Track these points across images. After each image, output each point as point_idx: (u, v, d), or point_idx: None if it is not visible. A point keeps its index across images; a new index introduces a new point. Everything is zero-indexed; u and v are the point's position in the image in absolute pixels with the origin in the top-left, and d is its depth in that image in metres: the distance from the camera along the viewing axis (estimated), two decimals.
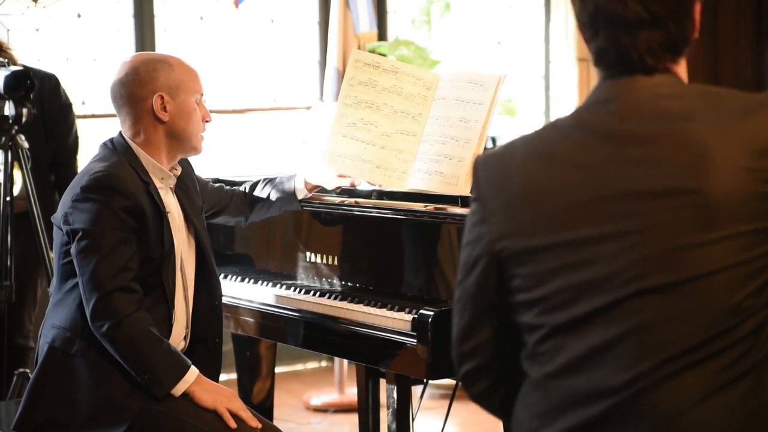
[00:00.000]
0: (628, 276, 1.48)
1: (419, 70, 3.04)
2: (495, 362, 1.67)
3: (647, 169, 1.49)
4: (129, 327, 2.49)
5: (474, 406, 1.76)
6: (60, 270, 2.61)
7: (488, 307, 1.64)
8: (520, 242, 1.57)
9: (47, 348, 2.58)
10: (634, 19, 1.54)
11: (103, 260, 2.50)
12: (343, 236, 2.96)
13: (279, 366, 3.84)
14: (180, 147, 2.71)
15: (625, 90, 1.56)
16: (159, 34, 5.13)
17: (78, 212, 2.53)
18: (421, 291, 2.74)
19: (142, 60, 2.68)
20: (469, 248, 1.64)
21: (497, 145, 3.70)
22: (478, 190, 1.63)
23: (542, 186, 1.56)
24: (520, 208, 1.57)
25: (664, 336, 1.48)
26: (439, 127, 2.90)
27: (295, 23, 5.52)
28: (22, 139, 3.66)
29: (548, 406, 1.57)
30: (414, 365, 2.57)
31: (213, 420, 2.54)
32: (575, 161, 1.54)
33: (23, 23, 4.76)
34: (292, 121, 5.47)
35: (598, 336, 1.51)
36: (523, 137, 1.63)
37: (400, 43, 5.02)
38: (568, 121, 1.58)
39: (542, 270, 1.56)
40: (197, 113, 2.71)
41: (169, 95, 2.65)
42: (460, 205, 2.68)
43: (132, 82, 2.64)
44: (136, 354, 2.50)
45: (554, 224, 1.54)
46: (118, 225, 2.53)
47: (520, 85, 5.94)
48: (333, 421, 4.73)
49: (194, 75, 2.73)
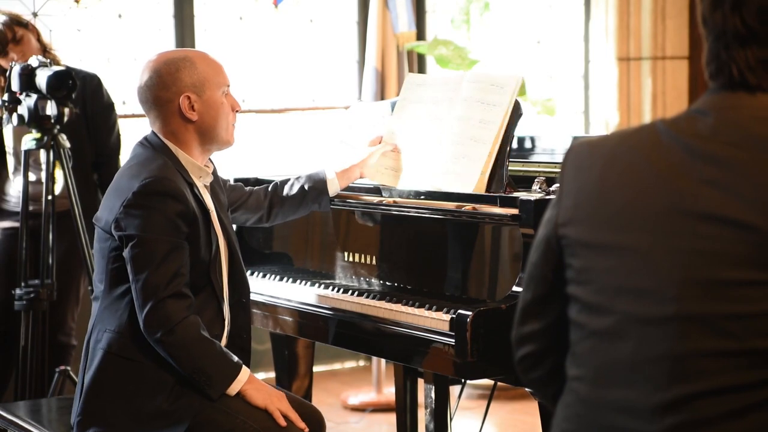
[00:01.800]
0: (669, 295, 1.45)
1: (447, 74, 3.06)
2: (551, 352, 1.65)
3: (716, 192, 1.44)
4: (182, 333, 2.50)
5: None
6: (109, 274, 2.60)
7: (547, 292, 1.63)
8: (580, 233, 1.55)
9: (102, 353, 2.59)
10: (732, 32, 1.49)
11: (157, 268, 2.50)
12: (382, 235, 2.96)
13: (317, 365, 3.84)
14: (213, 142, 2.70)
15: (724, 105, 1.50)
16: (199, 34, 5.15)
17: (131, 218, 2.53)
18: (459, 291, 2.73)
19: (164, 61, 2.65)
20: (541, 227, 1.64)
21: (535, 145, 3.66)
22: (562, 173, 1.61)
23: (615, 183, 1.53)
24: (590, 198, 1.55)
25: (698, 367, 1.43)
26: (461, 128, 2.91)
27: (333, 23, 5.53)
28: (64, 138, 3.69)
29: (577, 411, 1.55)
30: (452, 365, 2.56)
31: (263, 418, 2.56)
32: (653, 167, 1.50)
33: (65, 24, 4.80)
34: (330, 121, 5.47)
35: (630, 350, 1.48)
36: (623, 129, 1.61)
37: (438, 42, 4.99)
38: (667, 124, 1.54)
39: (591, 266, 1.54)
40: (225, 106, 2.69)
41: (195, 94, 2.64)
42: (498, 205, 2.66)
43: (156, 85, 2.63)
44: (190, 358, 2.52)
45: (613, 224, 1.52)
46: (172, 231, 2.53)
47: (559, 85, 5.92)
48: (371, 421, 4.73)
49: (218, 68, 2.70)
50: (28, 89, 3.64)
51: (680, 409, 1.43)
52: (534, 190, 2.65)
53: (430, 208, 2.82)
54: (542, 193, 2.61)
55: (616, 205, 1.52)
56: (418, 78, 3.12)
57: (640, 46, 5.74)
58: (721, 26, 1.49)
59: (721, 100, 1.51)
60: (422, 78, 3.13)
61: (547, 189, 2.61)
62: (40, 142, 3.66)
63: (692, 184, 1.46)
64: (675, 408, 1.43)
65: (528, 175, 2.91)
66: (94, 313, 2.67)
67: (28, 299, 3.69)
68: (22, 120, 3.66)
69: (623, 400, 1.48)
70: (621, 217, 1.51)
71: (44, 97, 3.62)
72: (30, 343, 3.70)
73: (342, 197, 3.08)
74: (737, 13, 1.48)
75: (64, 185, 3.77)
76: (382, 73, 4.92)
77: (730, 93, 1.50)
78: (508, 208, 2.61)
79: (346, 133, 3.30)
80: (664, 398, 1.44)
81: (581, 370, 1.55)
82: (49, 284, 3.70)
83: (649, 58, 5.74)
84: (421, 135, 3.00)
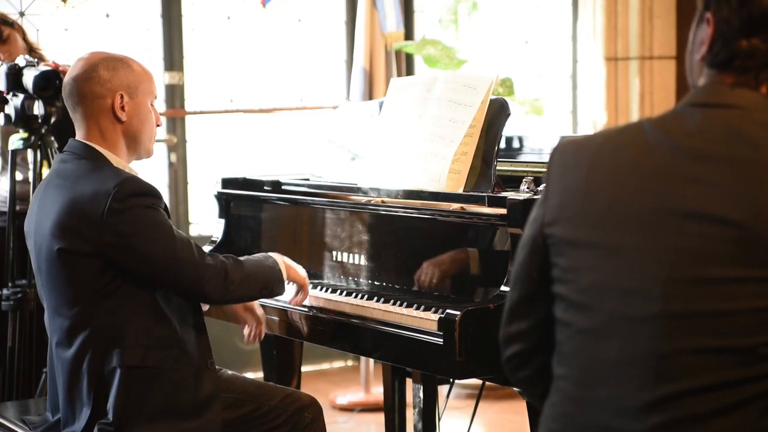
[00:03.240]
0: (654, 294, 1.45)
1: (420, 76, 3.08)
2: (538, 352, 1.65)
3: (700, 190, 1.45)
4: (237, 280, 2.63)
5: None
6: (95, 297, 2.51)
7: (534, 292, 1.63)
8: (566, 232, 1.56)
9: (121, 372, 2.51)
10: (737, 24, 1.50)
11: (179, 243, 2.54)
12: (370, 235, 2.96)
13: (305, 365, 3.84)
14: (135, 148, 2.67)
15: (715, 100, 1.51)
16: (186, 33, 5.15)
17: (124, 223, 2.47)
18: (447, 290, 2.73)
19: (102, 58, 2.64)
20: (527, 227, 1.64)
21: (523, 145, 3.66)
22: (548, 172, 1.61)
23: (600, 182, 1.54)
24: (576, 198, 1.56)
25: (684, 365, 1.44)
26: (431, 126, 2.94)
27: (321, 23, 5.53)
28: (52, 138, 3.68)
29: (563, 411, 1.55)
30: (440, 365, 2.55)
31: (275, 395, 2.78)
32: (639, 166, 1.51)
33: (52, 23, 4.79)
34: (318, 121, 5.47)
35: (616, 349, 1.48)
36: (609, 129, 1.61)
37: (427, 42, 5.00)
38: (653, 123, 1.54)
39: (577, 265, 1.54)
40: (152, 116, 2.69)
41: (128, 95, 2.62)
42: (486, 205, 2.66)
43: (92, 79, 2.60)
44: (251, 288, 2.70)
45: (599, 223, 1.52)
46: (165, 219, 2.56)
47: (547, 85, 5.93)
48: (359, 421, 4.73)
49: (151, 77, 2.70)
50: (14, 89, 3.62)
51: (666, 408, 1.43)
52: (522, 190, 2.64)
53: (417, 207, 2.81)
54: (530, 193, 2.60)
55: (602, 205, 1.52)
56: (401, 81, 3.16)
57: (627, 46, 5.76)
58: (727, 16, 1.50)
59: (716, 93, 1.51)
60: (404, 80, 3.17)
61: (535, 189, 2.61)
62: (27, 141, 3.64)
63: (678, 182, 1.46)
64: (661, 406, 1.43)
65: (516, 174, 2.90)
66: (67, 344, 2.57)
67: (15, 299, 3.66)
68: (9, 120, 3.64)
69: (609, 399, 1.48)
70: (607, 216, 1.51)
71: (31, 97, 3.60)
72: (17, 343, 3.67)
73: (330, 197, 3.08)
74: (744, 5, 1.49)
75: None
76: (371, 72, 4.91)
77: (727, 88, 1.51)
78: (497, 207, 2.61)
79: (334, 132, 3.30)
80: (650, 397, 1.44)
81: (567, 369, 1.55)
82: (35, 285, 3.68)
83: (636, 58, 5.76)
84: (400, 135, 3.02)
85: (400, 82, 3.15)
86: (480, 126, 2.84)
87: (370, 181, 3.04)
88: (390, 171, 3.01)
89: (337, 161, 3.25)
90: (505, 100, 2.86)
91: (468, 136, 2.84)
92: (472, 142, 2.84)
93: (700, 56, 1.56)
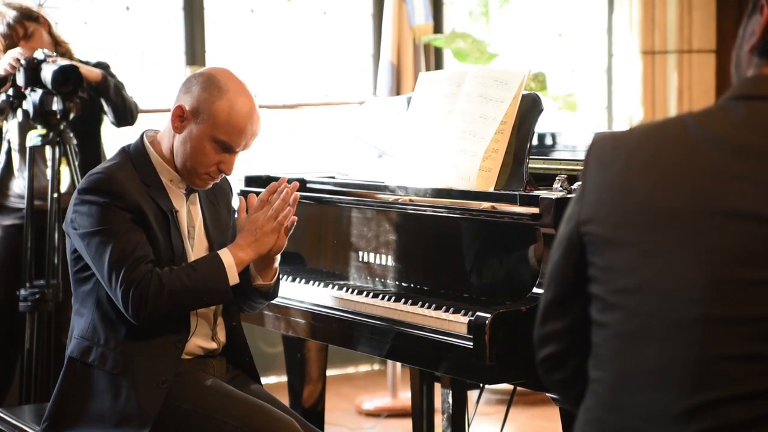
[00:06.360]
0: (694, 297, 1.42)
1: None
2: (574, 353, 1.63)
3: (744, 187, 1.42)
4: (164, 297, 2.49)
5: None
6: (73, 278, 2.65)
7: (569, 291, 1.61)
8: (603, 230, 1.53)
9: (67, 359, 2.65)
10: None
11: (118, 244, 2.50)
12: (398, 235, 2.95)
13: (330, 369, 3.82)
14: (178, 164, 2.64)
15: (762, 92, 1.48)
16: (209, 27, 5.19)
17: (81, 216, 2.56)
18: (478, 292, 2.71)
19: (215, 74, 2.62)
20: (562, 224, 1.63)
21: (557, 142, 3.70)
22: (584, 168, 1.59)
23: (639, 179, 1.50)
24: (613, 195, 1.53)
25: (725, 371, 1.40)
26: (461, 122, 2.95)
27: (348, 16, 5.54)
28: (71, 134, 3.66)
29: (598, 416, 1.52)
30: (470, 369, 2.55)
31: (243, 414, 2.54)
32: (679, 162, 1.48)
33: (72, 16, 4.81)
34: (344, 117, 5.50)
35: (654, 353, 1.46)
36: (648, 123, 1.59)
37: (456, 35, 5.01)
38: (695, 117, 1.51)
39: (614, 265, 1.51)
40: (206, 155, 2.60)
41: (191, 114, 2.59)
42: (518, 204, 2.65)
43: (188, 81, 2.63)
44: (187, 301, 2.55)
45: (636, 221, 1.49)
46: (123, 219, 2.54)
47: (581, 79, 5.95)
48: (386, 426, 4.74)
49: (235, 127, 2.60)
50: (33, 84, 3.61)
51: (705, 416, 1.41)
52: (555, 189, 2.64)
53: (447, 206, 2.81)
54: (564, 192, 2.60)
55: (640, 202, 1.50)
56: (430, 75, 3.18)
57: (665, 39, 5.76)
58: None
59: (759, 84, 1.48)
60: (433, 75, 3.19)
61: (569, 187, 2.61)
62: (45, 138, 3.69)
63: (721, 179, 1.44)
64: (700, 414, 1.41)
65: (549, 172, 2.92)
66: None
67: (33, 300, 3.69)
68: (27, 116, 3.65)
69: (646, 405, 1.46)
70: (645, 214, 1.49)
71: (50, 93, 3.60)
72: (35, 345, 3.69)
73: (356, 195, 3.08)
74: None
75: (70, 182, 3.73)
76: (398, 67, 4.94)
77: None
78: (529, 206, 2.61)
79: (360, 128, 3.30)
80: (689, 404, 1.42)
81: (603, 373, 1.53)
82: (54, 285, 3.71)
83: (674, 52, 5.76)
84: (429, 131, 3.03)
85: (428, 76, 3.15)
86: (511, 122, 2.85)
87: (397, 179, 3.05)
88: (418, 169, 3.01)
89: (363, 158, 3.26)
90: (537, 96, 2.86)
91: (499, 133, 2.85)
92: (504, 139, 2.84)
93: (750, 46, 1.53)
